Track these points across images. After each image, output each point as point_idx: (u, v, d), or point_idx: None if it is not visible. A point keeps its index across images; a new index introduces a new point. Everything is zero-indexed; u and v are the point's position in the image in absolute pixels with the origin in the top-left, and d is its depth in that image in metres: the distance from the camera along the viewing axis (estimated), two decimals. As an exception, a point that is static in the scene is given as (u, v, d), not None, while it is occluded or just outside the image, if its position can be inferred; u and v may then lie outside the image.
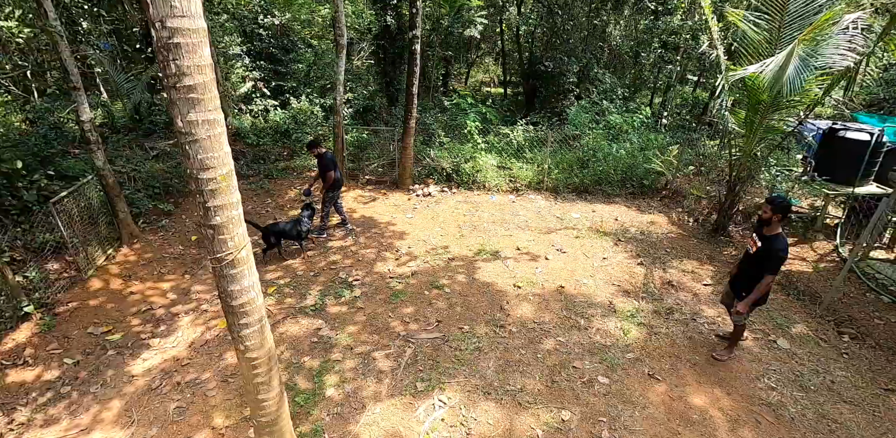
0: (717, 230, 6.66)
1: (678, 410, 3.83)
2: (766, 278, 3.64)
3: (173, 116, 2.09)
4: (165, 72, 1.97)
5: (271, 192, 8.52)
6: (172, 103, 2.05)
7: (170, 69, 1.95)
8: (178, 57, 1.94)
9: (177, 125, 2.10)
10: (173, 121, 2.12)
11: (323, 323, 4.88)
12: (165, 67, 1.96)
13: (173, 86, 1.98)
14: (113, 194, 6.41)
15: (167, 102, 2.11)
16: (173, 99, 2.04)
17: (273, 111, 9.63)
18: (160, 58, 1.96)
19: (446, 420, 3.73)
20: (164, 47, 1.91)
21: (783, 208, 3.55)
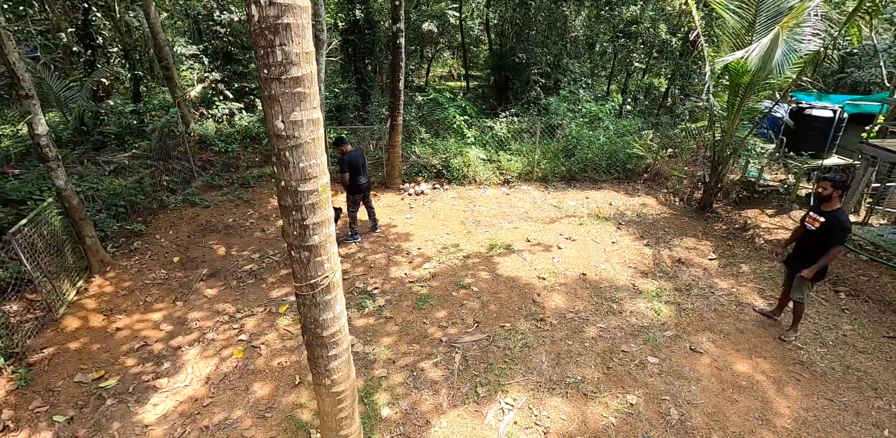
0: (703, 207, 7.14)
1: (727, 379, 4.09)
2: (835, 248, 3.89)
3: (271, 117, 1.76)
4: (268, 60, 1.65)
5: (251, 202, 7.93)
6: (272, 100, 1.72)
7: (274, 57, 1.64)
8: (287, 41, 1.63)
9: (275, 128, 1.78)
10: (270, 123, 1.77)
11: (354, 339, 4.62)
12: (269, 54, 1.64)
13: (277, 78, 1.67)
14: (78, 218, 5.64)
15: (263, 98, 1.76)
16: (274, 94, 1.71)
17: (239, 115, 8.90)
18: (261, 44, 1.63)
19: (520, 423, 3.70)
20: (269, 29, 1.59)
21: (841, 184, 3.85)
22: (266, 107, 1.77)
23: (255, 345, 4.57)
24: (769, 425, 3.68)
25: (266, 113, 1.80)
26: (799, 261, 4.20)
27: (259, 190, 8.34)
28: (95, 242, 5.88)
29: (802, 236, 4.20)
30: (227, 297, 5.38)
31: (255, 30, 1.60)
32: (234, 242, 6.69)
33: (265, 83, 1.70)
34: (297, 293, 2.24)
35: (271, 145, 1.85)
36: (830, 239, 3.90)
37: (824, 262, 3.97)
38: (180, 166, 8.17)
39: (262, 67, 1.68)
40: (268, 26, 1.58)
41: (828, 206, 3.96)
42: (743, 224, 6.69)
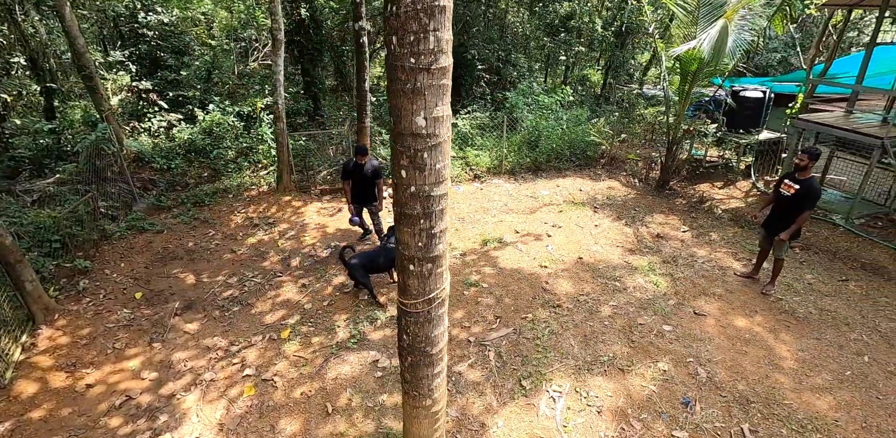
0: (661, 186, 7.81)
1: (732, 335, 4.55)
2: (805, 212, 4.45)
3: (410, 113, 1.59)
4: (418, 48, 1.47)
5: (210, 221, 7.20)
6: (415, 94, 1.55)
7: (426, 44, 1.47)
8: (440, 26, 1.47)
9: (414, 126, 1.60)
10: (404, 120, 1.60)
11: (376, 354, 4.39)
12: (420, 41, 1.46)
13: (427, 68, 1.51)
14: (12, 260, 4.76)
15: (399, 93, 1.55)
16: (420, 87, 1.54)
17: (178, 127, 8.00)
18: (413, 29, 1.45)
19: (572, 407, 3.81)
20: (424, 12, 1.42)
21: (816, 156, 4.40)
22: (403, 103, 1.60)
23: (267, 378, 4.17)
24: (778, 368, 4.16)
25: (401, 110, 1.62)
26: (775, 224, 4.77)
27: (217, 208, 7.59)
28: (37, 286, 5.00)
29: (778, 202, 4.74)
30: (214, 330, 4.85)
31: (408, 12, 1.42)
32: (203, 267, 6.04)
33: (409, 75, 1.54)
34: (408, 310, 2.09)
35: (403, 147, 1.66)
36: (804, 203, 4.48)
37: (799, 224, 4.55)
38: (117, 188, 7.17)
39: (407, 56, 1.51)
40: (424, 8, 1.42)
41: (802, 174, 4.53)
42: (699, 198, 7.43)
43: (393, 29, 1.48)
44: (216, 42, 8.30)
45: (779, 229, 4.69)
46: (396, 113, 1.65)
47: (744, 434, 3.59)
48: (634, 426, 3.66)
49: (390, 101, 1.64)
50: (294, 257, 6.15)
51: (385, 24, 1.51)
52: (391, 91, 1.61)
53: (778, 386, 3.99)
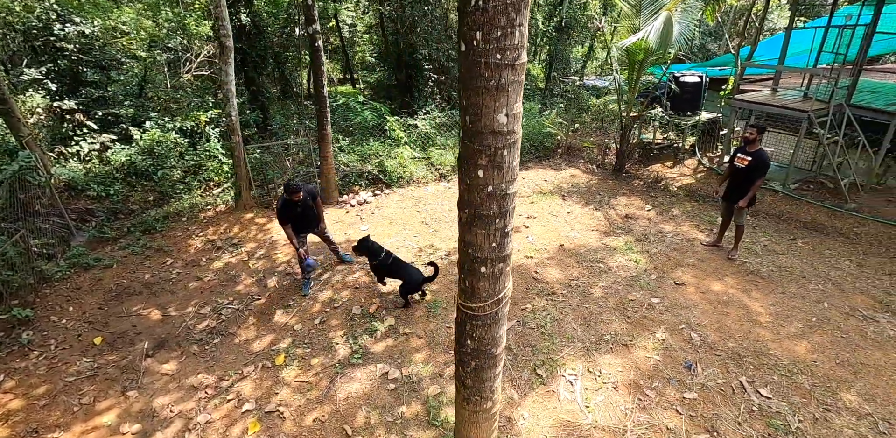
0: (618, 170, 8.26)
1: (712, 299, 4.92)
2: (758, 181, 4.90)
3: (491, 111, 1.57)
4: (504, 43, 1.45)
5: (166, 249, 6.61)
6: (499, 91, 1.53)
7: (512, 39, 1.46)
8: (524, 21, 1.47)
9: (495, 124, 1.59)
10: (490, 118, 1.58)
11: (384, 366, 4.25)
12: (507, 36, 1.44)
13: (511, 64, 1.50)
14: None
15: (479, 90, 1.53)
16: (504, 84, 1.52)
17: (113, 149, 7.24)
18: (500, 23, 1.42)
19: (589, 387, 3.93)
20: (513, 6, 1.41)
21: (763, 129, 4.83)
22: (485, 100, 1.56)
23: (271, 410, 3.90)
24: (757, 323, 4.56)
25: (481, 108, 1.57)
26: (733, 194, 5.22)
27: (171, 234, 6.98)
28: None
29: (733, 174, 5.18)
30: (196, 367, 4.46)
31: (497, 6, 1.39)
32: (167, 300, 5.54)
33: (494, 71, 1.50)
34: (476, 314, 2.04)
35: (483, 146, 1.59)
36: (757, 173, 4.93)
37: (753, 191, 5.01)
38: (50, 223, 6.36)
39: (493, 52, 1.47)
40: (512, 2, 1.40)
41: (752, 147, 4.98)
42: (654, 178, 7.95)
43: (478, 24, 1.44)
44: (147, 54, 7.58)
45: (737, 199, 5.13)
46: (475, 111, 1.60)
47: (743, 386, 3.90)
48: (649, 395, 3.85)
49: (468, 99, 1.60)
50: (270, 277, 5.81)
51: (465, 18, 1.47)
52: (470, 89, 1.57)
53: (761, 339, 4.37)
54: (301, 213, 4.99)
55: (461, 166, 1.79)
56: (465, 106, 1.65)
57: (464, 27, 1.51)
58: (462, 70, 1.60)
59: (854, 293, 4.93)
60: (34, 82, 6.48)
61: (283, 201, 4.83)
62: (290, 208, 4.85)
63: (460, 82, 1.64)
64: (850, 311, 4.67)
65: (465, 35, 1.52)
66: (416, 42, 9.22)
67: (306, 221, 5.16)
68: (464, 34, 1.52)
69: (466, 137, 1.70)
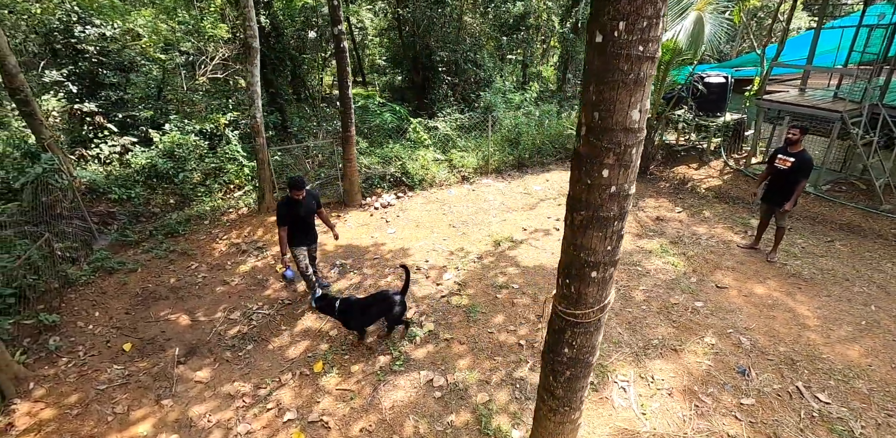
0: (643, 172, 8.19)
1: (757, 302, 4.83)
2: (802, 182, 4.81)
3: (626, 106, 1.52)
4: (648, 35, 1.42)
5: (190, 253, 6.50)
6: (637, 85, 1.49)
7: (654, 31, 1.42)
8: (666, 11, 1.43)
9: (628, 121, 1.55)
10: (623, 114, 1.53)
11: (428, 373, 4.14)
12: (652, 27, 1.41)
13: (652, 56, 1.46)
14: None
15: (615, 86, 1.48)
16: (642, 78, 1.48)
17: (133, 151, 7.13)
18: (648, 13, 1.39)
19: (643, 394, 3.84)
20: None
21: (806, 130, 4.74)
22: (621, 95, 1.48)
23: (314, 420, 3.78)
24: (806, 327, 4.47)
25: (615, 103, 1.50)
26: (774, 196, 5.14)
27: (194, 237, 6.87)
28: (3, 354, 4.21)
29: (775, 175, 5.10)
30: (230, 374, 4.34)
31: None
32: (195, 305, 5.42)
33: (635, 64, 1.43)
34: (579, 321, 1.95)
35: (612, 144, 1.52)
36: (800, 174, 4.85)
37: (797, 194, 4.93)
38: (72, 226, 6.23)
39: (636, 43, 1.40)
40: None
41: (794, 148, 4.90)
42: (681, 180, 7.88)
43: (622, 13, 1.37)
44: (166, 56, 7.49)
45: (779, 201, 5.06)
46: (607, 107, 1.53)
47: (800, 391, 3.81)
48: (706, 401, 3.76)
49: (599, 94, 1.51)
50: (299, 282, 5.70)
51: (604, 8, 1.39)
52: (604, 83, 1.49)
53: (812, 343, 4.28)
54: (302, 219, 4.67)
55: (580, 166, 1.70)
56: (594, 101, 1.57)
57: (602, 17, 1.43)
58: (594, 63, 1.53)
59: (900, 296, 4.86)
60: (55, 85, 6.37)
61: (286, 199, 4.57)
62: (292, 206, 4.55)
63: (589, 76, 1.56)
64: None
65: (605, 25, 1.44)
66: (432, 44, 9.17)
67: (306, 229, 4.78)
68: (602, 25, 1.45)
69: (592, 135, 1.62)
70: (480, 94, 9.14)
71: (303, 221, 4.71)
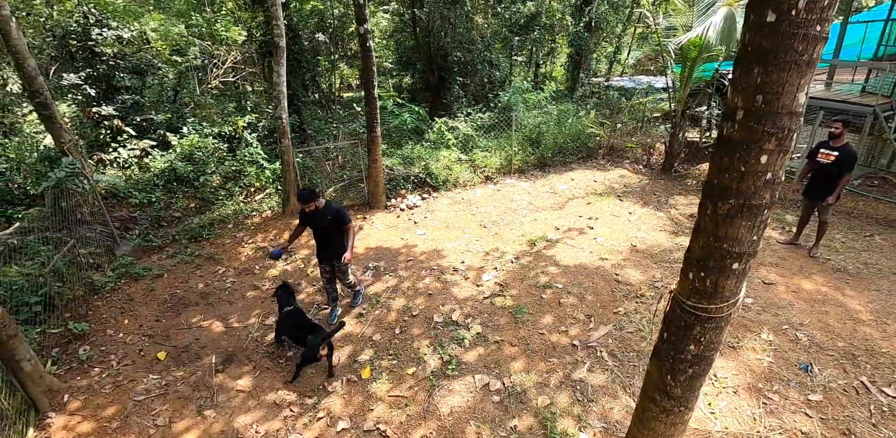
0: (667, 169, 8.16)
1: (807, 298, 4.77)
2: (846, 176, 4.78)
3: (795, 89, 1.46)
4: (826, 14, 1.36)
5: (216, 257, 6.33)
6: (808, 67, 1.44)
7: (831, 11, 1.37)
8: None
9: (795, 103, 1.48)
10: (791, 97, 1.47)
11: (483, 377, 4.00)
12: (832, 5, 1.36)
13: (825, 38, 1.40)
14: (4, 336, 3.78)
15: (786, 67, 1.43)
16: (814, 59, 1.43)
17: (153, 155, 6.95)
18: None
19: (709, 392, 3.74)
20: None
21: (849, 123, 4.69)
22: (791, 77, 1.43)
23: (369, 429, 3.63)
24: (860, 322, 4.41)
25: (784, 85, 1.43)
26: (816, 191, 5.09)
27: (219, 241, 6.70)
28: (36, 365, 4.03)
29: (817, 170, 5.06)
30: (273, 382, 4.18)
31: None
32: (227, 311, 5.26)
33: (811, 45, 1.40)
34: (712, 316, 1.85)
35: (775, 128, 1.46)
36: (844, 168, 4.81)
37: (842, 187, 4.89)
38: (94, 231, 6.03)
39: (814, 23, 1.36)
40: None
41: (837, 141, 4.87)
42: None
43: None
44: (182, 58, 7.31)
45: (822, 195, 5.02)
46: (774, 89, 1.45)
47: (866, 386, 3.74)
48: (773, 398, 3.67)
49: (766, 76, 1.46)
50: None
51: None
52: (775, 64, 1.43)
53: (869, 338, 4.22)
54: (314, 231, 4.41)
55: (732, 152, 1.62)
56: (758, 84, 1.49)
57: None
58: (759, 44, 1.45)
59: (951, 289, 4.82)
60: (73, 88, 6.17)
61: None
62: (305, 216, 4.37)
63: (751, 59, 1.48)
64: (951, 307, 4.56)
65: (781, 4, 1.37)
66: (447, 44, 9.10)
67: (319, 243, 4.46)
68: (778, 4, 1.37)
69: (752, 119, 1.53)
70: (499, 93, 9.06)
71: (315, 233, 4.44)
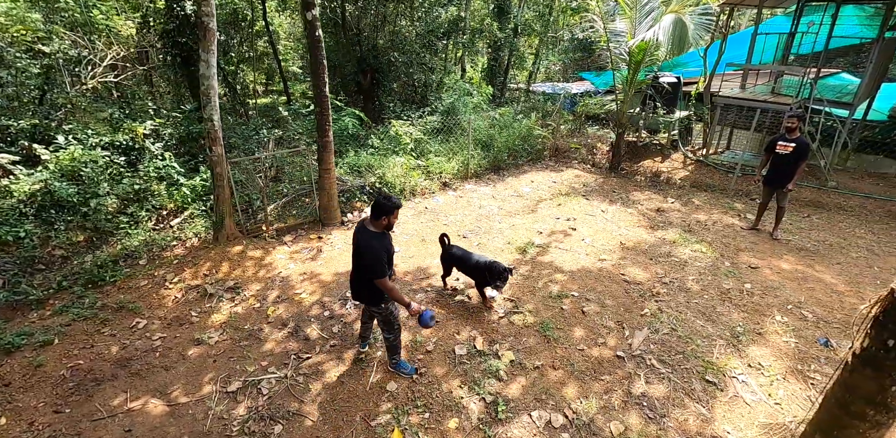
0: (615, 168, 8.47)
1: (789, 277, 5.10)
2: (802, 163, 5.25)
3: None
4: None
5: (131, 307, 4.75)
6: None
7: None
8: None
9: None
10: None
11: (541, 414, 3.39)
12: None
13: None
14: None
15: None
16: None
17: (16, 173, 4.98)
18: None
19: (763, 383, 3.67)
20: None
21: (802, 117, 5.11)
22: None
23: None
24: (841, 293, 4.81)
25: None
26: (777, 179, 5.56)
27: (131, 283, 5.05)
28: None
29: (776, 160, 5.52)
30: None
31: None
32: (163, 381, 3.90)
33: None
34: None
35: None
36: (801, 157, 5.31)
37: (799, 174, 5.40)
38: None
39: None
40: None
41: (793, 134, 5.35)
42: (653, 173, 8.30)
43: None
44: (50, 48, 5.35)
45: (782, 182, 5.49)
46: None
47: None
48: (816, 377, 3.73)
49: None
50: (307, 326, 4.48)
51: None
52: None
53: (854, 307, 4.56)
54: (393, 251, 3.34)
55: None
56: None
57: None
58: None
59: (887, 256, 5.56)
60: None
61: (369, 229, 3.16)
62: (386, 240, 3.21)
63: None
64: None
65: None
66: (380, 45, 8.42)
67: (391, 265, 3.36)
68: None
69: None
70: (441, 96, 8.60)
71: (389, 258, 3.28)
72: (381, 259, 3.12)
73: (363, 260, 3.16)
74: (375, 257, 3.10)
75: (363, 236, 3.16)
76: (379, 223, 3.15)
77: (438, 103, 8.83)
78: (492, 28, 9.99)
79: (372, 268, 3.11)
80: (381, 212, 3.11)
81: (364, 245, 3.14)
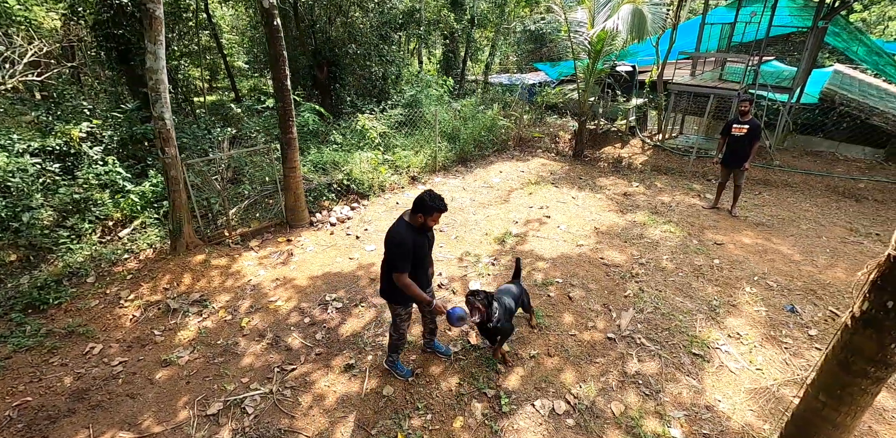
0: (578, 155, 8.65)
1: (752, 250, 5.41)
2: (756, 143, 5.57)
3: None
4: None
5: (82, 331, 4.27)
6: None
7: None
8: None
9: None
10: None
11: (543, 402, 3.39)
12: None
13: None
14: None
15: None
16: None
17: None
18: None
19: (744, 352, 3.85)
20: None
21: (753, 101, 5.39)
22: None
23: None
24: (797, 262, 5.17)
25: None
26: (733, 159, 5.87)
27: (80, 304, 4.54)
28: None
29: (732, 142, 5.82)
30: None
31: None
32: (130, 411, 3.55)
33: None
34: None
35: None
36: (754, 137, 5.63)
37: (755, 153, 5.74)
38: None
39: None
40: None
41: (745, 117, 5.66)
42: (615, 158, 8.55)
43: None
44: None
45: (739, 162, 5.81)
46: None
47: (835, 314, 4.31)
48: (788, 341, 3.98)
49: None
50: (288, 336, 4.23)
51: None
52: None
53: (811, 275, 4.93)
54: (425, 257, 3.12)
55: None
56: None
57: None
58: None
59: (831, 226, 6.04)
60: None
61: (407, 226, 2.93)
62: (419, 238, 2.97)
63: None
64: (841, 240, 5.69)
65: None
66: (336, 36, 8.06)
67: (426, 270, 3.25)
68: None
69: None
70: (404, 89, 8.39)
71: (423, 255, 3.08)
72: (404, 251, 2.88)
73: (385, 249, 3.00)
74: (398, 247, 2.87)
75: (396, 223, 3.00)
76: (415, 219, 2.94)
77: (400, 97, 8.62)
78: (448, 19, 9.87)
79: (392, 258, 2.94)
80: (418, 209, 2.88)
81: (391, 231, 2.94)
